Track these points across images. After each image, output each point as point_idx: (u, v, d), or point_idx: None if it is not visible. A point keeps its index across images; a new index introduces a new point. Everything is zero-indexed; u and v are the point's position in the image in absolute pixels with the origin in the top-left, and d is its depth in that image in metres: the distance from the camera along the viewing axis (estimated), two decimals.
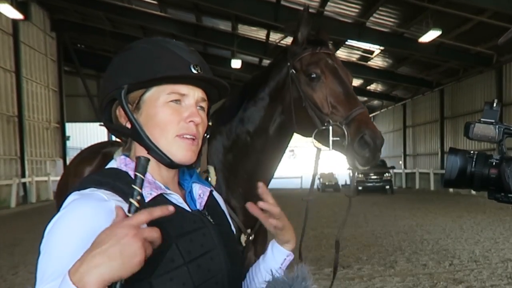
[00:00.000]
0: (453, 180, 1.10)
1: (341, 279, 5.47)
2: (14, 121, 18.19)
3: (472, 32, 14.44)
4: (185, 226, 0.98)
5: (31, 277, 6.14)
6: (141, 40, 1.10)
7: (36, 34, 20.36)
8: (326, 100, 1.91)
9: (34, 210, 15.45)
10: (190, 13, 17.50)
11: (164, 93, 1.00)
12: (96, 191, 0.93)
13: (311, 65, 1.96)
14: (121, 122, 1.04)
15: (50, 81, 21.88)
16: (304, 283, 1.10)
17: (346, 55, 19.43)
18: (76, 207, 0.90)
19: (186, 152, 1.02)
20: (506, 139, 1.13)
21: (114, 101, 1.04)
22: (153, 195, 0.96)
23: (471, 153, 1.10)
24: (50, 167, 21.61)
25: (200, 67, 1.04)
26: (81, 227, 0.86)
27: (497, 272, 5.79)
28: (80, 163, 2.72)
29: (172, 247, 0.93)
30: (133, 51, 1.05)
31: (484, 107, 1.13)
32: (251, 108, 2.06)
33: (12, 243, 8.59)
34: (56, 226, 0.88)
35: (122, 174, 1.00)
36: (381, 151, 1.90)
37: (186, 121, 1.01)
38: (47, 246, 0.88)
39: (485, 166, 1.08)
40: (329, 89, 1.93)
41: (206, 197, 1.11)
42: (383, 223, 10.11)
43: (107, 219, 0.83)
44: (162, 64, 1.00)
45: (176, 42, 1.08)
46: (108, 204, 0.90)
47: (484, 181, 1.08)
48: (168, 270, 0.91)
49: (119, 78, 1.01)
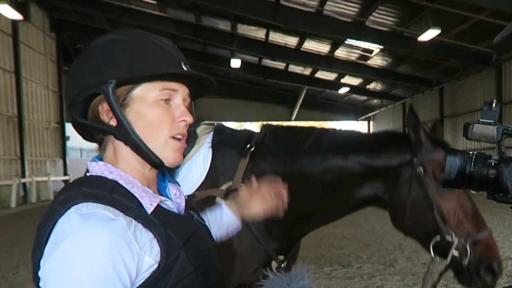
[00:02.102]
0: (452, 180, 1.12)
1: (341, 278, 5.48)
2: (14, 121, 18.16)
3: (471, 30, 14.43)
4: (186, 231, 0.96)
5: (31, 277, 6.11)
6: (120, 31, 1.01)
7: (36, 35, 20.33)
8: (454, 212, 1.85)
9: (34, 210, 15.44)
10: (189, 13, 17.48)
11: (156, 90, 0.94)
12: (97, 210, 0.84)
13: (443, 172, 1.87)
14: (102, 119, 0.95)
15: (49, 81, 21.86)
16: (302, 282, 1.11)
17: (346, 54, 19.43)
18: (86, 237, 0.80)
19: (177, 154, 0.99)
20: (505, 139, 1.14)
21: (94, 96, 0.95)
22: (154, 206, 0.90)
23: (470, 153, 1.12)
24: (50, 167, 21.61)
25: (189, 65, 1.01)
26: (99, 263, 0.79)
27: None
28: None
29: (182, 256, 0.91)
30: (118, 42, 0.96)
31: (483, 108, 1.14)
32: (337, 163, 1.93)
33: (12, 243, 8.59)
34: (66, 261, 0.79)
35: (112, 183, 0.91)
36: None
37: (178, 121, 0.97)
38: (59, 282, 0.79)
39: (484, 167, 1.08)
40: (459, 202, 1.88)
41: (183, 196, 1.08)
42: (383, 222, 10.09)
43: (123, 243, 0.81)
44: (157, 60, 0.95)
45: (159, 37, 1.01)
46: (118, 223, 0.84)
47: (483, 182, 1.09)
48: (180, 279, 0.90)
49: (106, 71, 0.92)
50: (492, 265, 1.80)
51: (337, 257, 6.67)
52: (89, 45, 1.00)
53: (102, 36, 1.01)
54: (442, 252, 1.84)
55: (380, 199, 1.99)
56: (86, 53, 0.99)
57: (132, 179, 0.94)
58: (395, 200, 1.92)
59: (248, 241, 1.96)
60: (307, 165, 1.95)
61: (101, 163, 0.96)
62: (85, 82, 0.93)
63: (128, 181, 0.93)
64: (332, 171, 1.94)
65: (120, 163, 0.96)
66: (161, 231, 0.88)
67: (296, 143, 2.00)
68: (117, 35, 1.00)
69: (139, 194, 0.91)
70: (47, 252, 0.83)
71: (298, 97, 27.69)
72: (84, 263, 0.78)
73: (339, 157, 1.94)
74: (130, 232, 0.84)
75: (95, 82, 0.92)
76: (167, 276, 0.87)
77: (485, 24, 13.28)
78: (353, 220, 10.08)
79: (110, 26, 20.72)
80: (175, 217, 0.95)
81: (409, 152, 1.90)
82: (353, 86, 24.11)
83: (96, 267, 0.78)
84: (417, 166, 1.85)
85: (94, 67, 0.94)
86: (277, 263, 2.00)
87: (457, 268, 1.87)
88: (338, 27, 15.30)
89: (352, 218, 10.65)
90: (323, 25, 15.20)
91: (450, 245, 1.79)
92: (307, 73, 23.71)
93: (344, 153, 1.95)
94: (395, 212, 1.96)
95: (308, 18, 15.02)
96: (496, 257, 1.82)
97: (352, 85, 24.02)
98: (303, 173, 1.95)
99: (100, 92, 0.92)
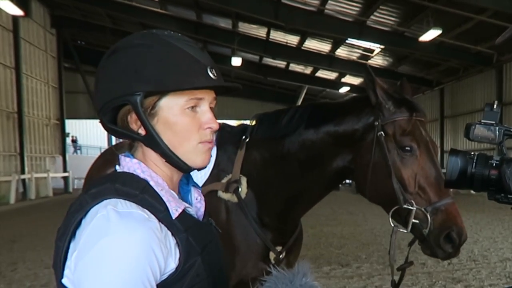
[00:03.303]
0: (454, 181, 1.11)
1: (339, 278, 5.48)
2: (13, 117, 18.15)
3: (472, 31, 14.42)
4: (204, 239, 0.97)
5: (30, 274, 6.16)
6: (141, 34, 0.99)
7: (36, 31, 20.31)
8: (414, 178, 1.77)
9: (33, 207, 15.46)
10: (190, 10, 17.47)
11: (183, 100, 0.95)
12: (133, 210, 0.87)
13: (406, 135, 1.79)
14: (131, 127, 0.97)
15: (50, 77, 21.84)
16: (304, 279, 1.10)
17: (346, 53, 19.42)
18: (127, 234, 0.82)
19: (206, 156, 1.01)
20: (506, 140, 1.14)
21: (123, 105, 0.96)
22: (179, 211, 0.93)
23: (472, 154, 1.11)
24: (50, 164, 21.61)
25: (215, 69, 0.99)
26: (134, 262, 0.81)
27: (496, 271, 5.80)
28: (103, 165, 2.51)
29: (198, 262, 0.92)
30: (141, 50, 0.95)
31: (484, 109, 1.15)
32: (309, 137, 1.91)
33: (11, 239, 8.60)
34: (104, 261, 0.80)
35: (144, 183, 0.94)
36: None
37: (204, 127, 0.98)
38: (100, 273, 0.80)
39: (485, 167, 1.08)
40: (421, 168, 1.78)
41: (204, 202, 1.09)
42: (382, 222, 10.09)
43: (156, 243, 0.84)
44: (185, 72, 0.93)
45: (182, 37, 1.00)
46: (152, 224, 0.86)
47: (485, 182, 1.09)
48: (193, 284, 0.91)
49: (133, 82, 0.93)
50: (451, 234, 1.73)
51: (336, 257, 6.67)
52: (116, 49, 0.99)
53: (129, 38, 1.00)
54: (404, 220, 1.79)
55: (351, 170, 1.94)
56: (113, 58, 0.98)
57: (162, 181, 0.97)
58: (358, 164, 1.87)
59: (243, 234, 1.97)
60: (286, 145, 1.95)
61: (135, 161, 0.98)
62: (113, 92, 0.95)
63: (157, 184, 0.95)
64: (307, 146, 1.92)
65: (150, 165, 0.99)
66: (183, 237, 0.91)
67: (276, 125, 2.00)
68: (144, 40, 0.97)
69: (166, 198, 0.93)
70: (84, 248, 0.84)
71: (299, 96, 27.68)
72: (123, 260, 0.80)
73: (311, 131, 1.92)
74: (162, 234, 0.87)
75: (123, 93, 0.93)
76: (182, 281, 0.89)
77: (486, 24, 13.27)
78: (352, 220, 10.09)
79: (111, 23, 20.71)
80: (196, 223, 0.98)
81: (372, 115, 1.85)
82: (354, 85, 24.09)
83: (135, 264, 0.81)
84: (379, 129, 1.80)
85: (122, 77, 0.94)
86: (275, 254, 2.00)
87: (420, 237, 1.82)
88: (339, 26, 15.29)
89: (351, 218, 10.64)
90: (324, 24, 15.19)
91: (410, 213, 1.74)
92: (307, 72, 23.69)
93: (315, 125, 1.92)
94: (358, 178, 1.90)
95: (309, 17, 15.00)
96: (456, 225, 1.72)
97: (353, 84, 24.01)
98: (283, 154, 1.96)
99: (129, 103, 0.94)
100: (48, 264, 5.86)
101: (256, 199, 1.99)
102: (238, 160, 2.00)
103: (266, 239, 1.98)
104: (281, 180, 1.98)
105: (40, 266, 6.38)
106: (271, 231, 2.01)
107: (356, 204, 13.46)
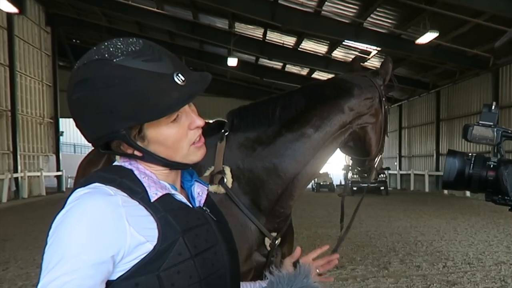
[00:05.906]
0: (451, 182, 1.12)
1: (334, 280, 5.46)
2: (7, 115, 18.08)
3: (469, 34, 14.49)
4: (190, 221, 1.02)
5: (21, 273, 6.11)
6: (94, 65, 0.94)
7: (31, 28, 20.24)
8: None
9: (26, 206, 15.38)
10: (187, 10, 17.45)
11: (163, 118, 0.97)
12: (102, 187, 0.95)
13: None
14: (128, 152, 1.02)
15: (44, 75, 21.77)
16: (306, 280, 1.13)
17: (343, 55, 19.46)
18: (84, 201, 0.91)
19: (201, 152, 1.07)
20: (504, 141, 1.13)
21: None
22: (158, 195, 0.99)
23: (470, 155, 1.12)
24: (43, 163, 21.52)
25: (181, 71, 0.96)
26: (90, 220, 0.89)
27: (491, 274, 5.80)
28: (88, 165, 2.69)
29: (180, 241, 0.97)
30: (104, 89, 0.92)
31: (482, 110, 1.15)
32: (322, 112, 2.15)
33: (3, 238, 8.54)
34: (65, 218, 0.90)
35: (127, 171, 1.01)
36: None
37: (192, 128, 1.04)
38: (56, 236, 0.89)
39: (483, 169, 1.09)
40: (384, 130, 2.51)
41: (205, 195, 1.15)
42: (377, 224, 10.12)
43: (114, 213, 0.90)
44: (154, 96, 0.93)
45: (135, 51, 0.94)
46: (114, 198, 0.93)
47: (482, 183, 1.09)
48: (175, 263, 0.95)
49: (114, 122, 0.94)
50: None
51: None
52: (76, 85, 0.95)
53: (84, 70, 0.96)
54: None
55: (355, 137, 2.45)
56: (82, 99, 0.94)
57: (149, 173, 1.03)
58: (376, 128, 2.55)
59: (237, 224, 1.92)
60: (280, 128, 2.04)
61: (126, 158, 1.04)
62: (99, 131, 0.98)
63: (143, 174, 1.02)
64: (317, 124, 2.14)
65: (145, 166, 1.05)
66: (162, 216, 0.96)
67: (266, 114, 2.09)
68: (100, 72, 0.93)
69: (148, 184, 1.00)
70: (54, 221, 0.93)
71: None
72: (79, 219, 0.89)
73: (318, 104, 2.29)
74: (123, 209, 0.92)
75: (108, 131, 0.96)
76: (162, 258, 0.93)
77: (483, 28, 13.32)
78: (347, 222, 10.05)
79: (106, 21, 20.65)
80: (182, 207, 1.03)
81: (376, 91, 2.56)
82: None
83: (90, 224, 0.88)
84: (384, 100, 2.48)
85: (102, 118, 0.95)
86: (270, 240, 1.99)
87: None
88: (336, 28, 15.32)
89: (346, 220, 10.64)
90: (321, 26, 15.21)
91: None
92: (304, 73, 23.74)
93: (316, 97, 2.28)
94: (367, 140, 2.52)
95: (306, 18, 15.03)
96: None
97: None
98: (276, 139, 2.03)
99: (117, 139, 0.99)
100: (40, 263, 5.78)
101: (250, 186, 1.96)
102: (219, 151, 1.99)
103: (260, 225, 1.97)
104: (274, 155, 1.99)
105: (32, 265, 6.33)
106: (266, 217, 2.00)
107: (351, 206, 13.44)
